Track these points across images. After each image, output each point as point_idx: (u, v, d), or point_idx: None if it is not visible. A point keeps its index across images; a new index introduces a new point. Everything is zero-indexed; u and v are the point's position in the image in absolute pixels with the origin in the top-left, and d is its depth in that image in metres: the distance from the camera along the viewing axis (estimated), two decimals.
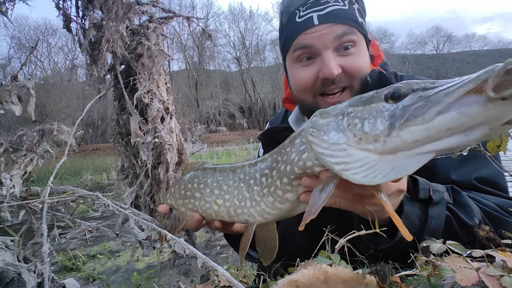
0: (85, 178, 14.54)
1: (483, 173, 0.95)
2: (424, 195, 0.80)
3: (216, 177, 0.89)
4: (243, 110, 48.06)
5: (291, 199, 0.74)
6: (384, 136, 0.54)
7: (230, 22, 50.96)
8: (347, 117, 0.60)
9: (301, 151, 0.68)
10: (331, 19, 1.00)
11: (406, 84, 0.56)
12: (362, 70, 1.05)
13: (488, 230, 0.78)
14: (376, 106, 0.57)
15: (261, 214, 0.80)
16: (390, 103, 0.56)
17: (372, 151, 0.56)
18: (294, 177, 0.71)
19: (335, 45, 1.01)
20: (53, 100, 28.83)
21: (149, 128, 1.59)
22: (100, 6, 1.53)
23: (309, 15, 1.01)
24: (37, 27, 39.67)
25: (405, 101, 0.54)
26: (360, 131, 0.57)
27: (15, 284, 0.90)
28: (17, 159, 1.36)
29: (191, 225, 0.95)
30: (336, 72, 1.00)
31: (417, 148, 0.52)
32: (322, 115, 0.65)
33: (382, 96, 0.58)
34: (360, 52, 1.05)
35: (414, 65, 62.40)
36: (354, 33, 1.02)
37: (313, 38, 1.02)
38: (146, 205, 1.69)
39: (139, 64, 1.60)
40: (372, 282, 0.52)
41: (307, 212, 0.60)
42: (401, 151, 0.54)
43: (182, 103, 36.21)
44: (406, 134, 0.52)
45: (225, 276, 0.67)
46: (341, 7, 1.01)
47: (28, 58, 1.50)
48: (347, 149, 0.58)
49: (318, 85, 1.05)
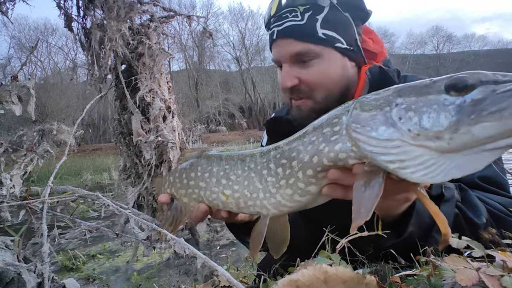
0: (85, 178, 14.54)
1: (486, 172, 0.95)
2: (437, 191, 0.79)
3: (223, 165, 0.82)
4: (243, 110, 48.05)
5: (313, 192, 0.69)
6: (450, 133, 0.49)
7: (230, 22, 51.07)
8: (397, 108, 0.55)
9: (332, 142, 0.62)
10: (286, 35, 1.05)
11: (472, 74, 0.51)
12: (323, 80, 1.05)
13: (494, 233, 0.77)
14: (435, 98, 0.52)
15: (276, 206, 0.74)
16: (454, 96, 0.51)
17: (433, 148, 0.51)
18: (321, 169, 0.65)
19: (292, 59, 1.05)
20: (53, 100, 28.83)
21: (151, 127, 1.59)
22: (101, 6, 1.53)
23: (272, 30, 1.09)
24: (37, 27, 39.70)
25: (474, 94, 0.49)
26: (417, 126, 0.52)
27: (15, 284, 0.89)
28: (17, 159, 1.36)
29: (196, 216, 0.91)
30: (290, 84, 1.05)
31: (489, 144, 0.48)
32: (363, 107, 0.59)
33: (442, 86, 0.52)
34: (323, 63, 1.04)
35: (414, 65, 62.38)
36: (308, 50, 1.03)
37: (276, 51, 1.10)
38: (148, 204, 1.69)
39: (140, 63, 1.60)
40: (372, 282, 0.52)
41: (356, 214, 0.55)
42: (468, 149, 0.49)
43: (182, 103, 36.21)
44: (479, 130, 0.47)
45: (225, 276, 0.67)
46: (297, 23, 1.03)
47: (28, 58, 1.50)
48: (402, 145, 0.53)
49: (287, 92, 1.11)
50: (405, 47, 68.53)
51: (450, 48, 66.80)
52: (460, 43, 68.44)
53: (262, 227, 0.76)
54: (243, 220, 0.94)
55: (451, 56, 64.42)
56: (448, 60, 63.47)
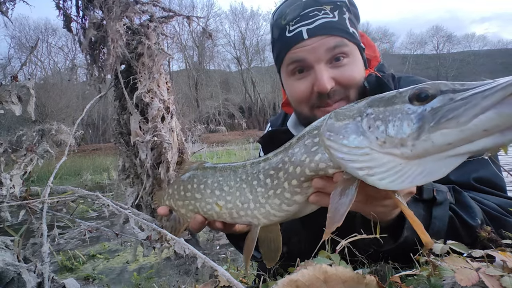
0: (85, 178, 14.54)
1: (482, 173, 0.95)
2: (428, 195, 0.79)
3: (217, 177, 0.86)
4: (243, 110, 48.06)
5: (300, 201, 0.72)
6: (413, 140, 0.52)
7: (231, 22, 51.09)
8: (367, 118, 0.58)
9: (313, 152, 0.66)
10: (321, 32, 1.00)
11: (433, 85, 0.53)
12: (356, 79, 1.05)
13: (490, 231, 0.78)
14: (400, 108, 0.55)
15: (266, 216, 0.77)
16: (416, 105, 0.53)
17: (398, 155, 0.54)
18: (304, 179, 0.68)
19: (327, 57, 1.01)
20: (53, 100, 28.83)
21: (149, 127, 1.59)
22: (100, 6, 1.53)
23: (299, 30, 1.01)
24: (37, 27, 39.71)
25: (434, 103, 0.52)
26: (384, 134, 0.55)
27: (15, 284, 0.89)
28: (17, 159, 1.36)
29: (193, 226, 0.94)
30: (329, 86, 1.00)
31: (450, 151, 0.50)
32: (338, 117, 0.63)
33: (406, 97, 0.55)
34: (353, 62, 1.05)
35: (414, 65, 62.42)
36: (345, 44, 1.02)
37: (304, 51, 1.02)
38: (147, 205, 1.69)
39: (139, 63, 1.60)
40: (372, 282, 0.52)
41: (330, 220, 0.57)
42: (431, 155, 0.51)
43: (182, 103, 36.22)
44: (438, 137, 0.49)
45: (225, 276, 0.67)
46: (330, 19, 1.01)
47: (28, 58, 1.51)
48: (370, 153, 0.56)
49: (314, 98, 1.05)
50: (405, 47, 68.66)
51: (450, 48, 66.89)
52: (460, 43, 68.55)
53: (253, 236, 0.79)
54: (241, 231, 0.95)
55: (451, 56, 64.45)
56: (448, 60, 63.50)
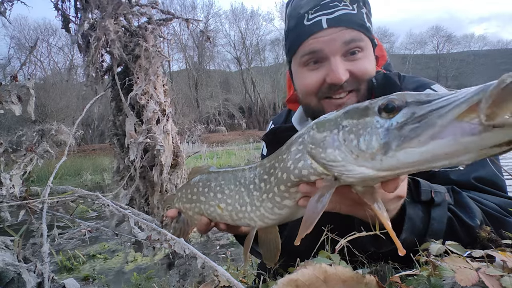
0: (85, 178, 14.54)
1: (482, 173, 0.95)
2: (426, 197, 0.80)
3: (219, 181, 0.91)
4: (243, 110, 48.04)
5: (289, 205, 0.75)
6: (381, 155, 0.54)
7: (231, 22, 51.03)
8: (343, 131, 0.60)
9: (297, 160, 0.68)
10: (340, 23, 1.00)
11: (399, 96, 0.54)
12: (369, 74, 1.06)
13: (489, 231, 0.78)
14: (370, 121, 0.56)
15: (261, 219, 0.81)
16: (384, 118, 0.55)
17: (370, 167, 0.56)
18: (291, 184, 0.71)
19: (343, 50, 1.01)
20: (53, 100, 28.80)
21: (143, 129, 1.59)
22: (97, 6, 1.53)
23: (318, 18, 1.01)
24: (36, 27, 39.69)
25: (399, 117, 0.53)
26: (357, 148, 0.57)
27: (15, 284, 0.89)
28: (17, 159, 1.36)
29: (200, 228, 0.97)
30: (344, 78, 1.01)
31: (420, 166, 0.52)
32: (319, 127, 0.65)
33: (375, 108, 0.56)
34: (367, 57, 1.05)
35: (414, 65, 62.39)
36: (361, 39, 1.02)
37: (321, 42, 1.01)
38: (140, 207, 1.70)
39: (136, 65, 1.60)
40: (372, 282, 0.52)
41: (303, 226, 0.60)
42: (399, 170, 0.54)
43: (182, 103, 36.19)
44: (403, 155, 0.51)
45: (225, 276, 0.67)
46: (350, 11, 1.01)
47: (27, 58, 1.50)
48: (346, 165, 0.59)
49: (324, 89, 1.05)
50: (405, 47, 68.66)
51: (450, 48, 66.87)
52: (459, 43, 68.58)
53: (250, 236, 0.84)
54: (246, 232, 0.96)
55: (451, 56, 64.45)
56: (448, 60, 63.51)
